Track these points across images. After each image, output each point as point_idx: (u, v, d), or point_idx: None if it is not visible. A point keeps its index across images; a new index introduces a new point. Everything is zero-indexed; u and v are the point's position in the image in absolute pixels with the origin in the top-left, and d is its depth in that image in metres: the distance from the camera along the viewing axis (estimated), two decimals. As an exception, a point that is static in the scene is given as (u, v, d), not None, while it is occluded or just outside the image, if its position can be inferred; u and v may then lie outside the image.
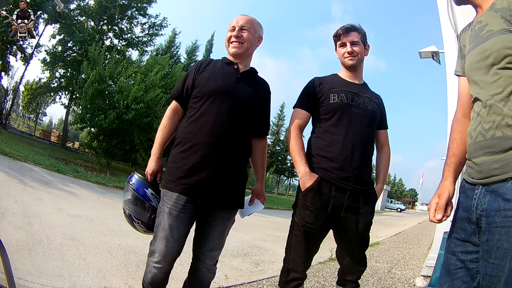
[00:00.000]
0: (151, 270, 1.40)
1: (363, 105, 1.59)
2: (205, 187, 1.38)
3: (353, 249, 1.57)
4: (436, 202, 1.06)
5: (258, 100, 1.54)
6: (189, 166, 1.38)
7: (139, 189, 1.50)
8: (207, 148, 1.38)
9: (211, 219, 1.46)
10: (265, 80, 1.64)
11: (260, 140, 1.63)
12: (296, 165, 1.56)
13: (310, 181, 1.49)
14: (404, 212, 37.79)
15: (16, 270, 2.04)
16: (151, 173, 1.53)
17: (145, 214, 1.49)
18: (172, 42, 22.78)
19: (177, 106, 1.56)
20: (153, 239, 1.42)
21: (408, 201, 60.33)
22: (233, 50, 1.52)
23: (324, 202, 1.48)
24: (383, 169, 1.71)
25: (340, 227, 1.54)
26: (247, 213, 1.64)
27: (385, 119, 1.73)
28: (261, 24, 1.61)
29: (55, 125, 35.81)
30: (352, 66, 1.65)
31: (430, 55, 4.54)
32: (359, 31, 1.65)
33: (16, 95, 22.33)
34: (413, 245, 7.27)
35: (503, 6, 0.90)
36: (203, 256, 1.47)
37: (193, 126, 1.42)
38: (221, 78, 1.48)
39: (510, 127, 0.83)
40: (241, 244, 4.54)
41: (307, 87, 1.68)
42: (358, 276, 1.59)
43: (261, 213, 10.20)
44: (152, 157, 1.55)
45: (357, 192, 1.51)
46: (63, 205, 4.67)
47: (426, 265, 3.87)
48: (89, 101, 12.26)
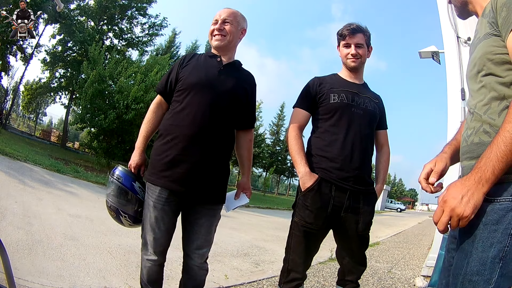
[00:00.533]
0: (146, 264, 1.44)
1: (363, 105, 1.59)
2: (185, 180, 1.38)
3: (353, 249, 1.56)
4: (432, 167, 1.02)
5: (242, 92, 1.54)
6: (170, 158, 1.39)
7: (126, 182, 1.49)
8: (188, 140, 1.39)
9: (196, 216, 1.47)
10: (249, 72, 1.64)
11: (245, 132, 1.63)
12: (296, 165, 1.56)
13: (310, 181, 1.49)
14: (404, 212, 37.77)
15: (16, 270, 2.04)
16: (134, 166, 1.54)
17: (131, 207, 1.49)
18: (172, 42, 22.81)
19: (161, 100, 1.58)
20: (142, 231, 1.46)
21: (408, 201, 60.34)
22: (215, 43, 1.53)
23: (324, 202, 1.48)
24: (382, 169, 1.71)
25: (340, 227, 1.54)
26: (232, 207, 1.64)
27: (384, 119, 1.73)
28: (244, 17, 1.61)
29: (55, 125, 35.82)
30: (354, 68, 1.65)
31: (430, 55, 4.54)
32: (365, 33, 1.64)
33: (16, 95, 22.35)
34: (413, 245, 7.26)
35: (488, 9, 0.90)
36: (192, 254, 1.48)
37: (175, 118, 1.44)
38: (203, 71, 1.49)
39: (487, 133, 0.85)
40: (241, 244, 4.54)
41: (307, 87, 1.68)
42: (358, 276, 1.59)
43: (261, 213, 10.21)
44: (136, 150, 1.56)
45: (357, 192, 1.51)
46: (63, 205, 4.67)
47: (426, 265, 3.86)
48: (89, 101, 12.26)
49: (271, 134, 34.17)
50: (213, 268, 3.03)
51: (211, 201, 1.47)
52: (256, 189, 31.72)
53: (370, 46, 1.68)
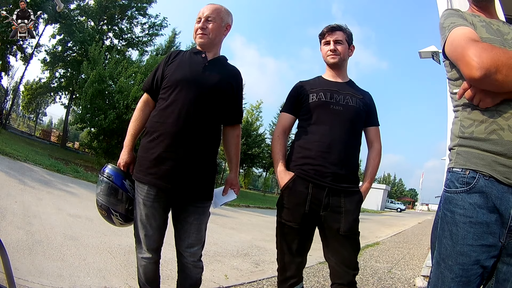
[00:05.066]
0: (141, 263, 1.46)
1: (343, 102, 1.58)
2: (171, 177, 1.39)
3: (338, 250, 1.50)
4: None
5: (227, 87, 1.54)
6: (156, 155, 1.40)
7: (116, 181, 1.49)
8: (172, 137, 1.40)
9: (185, 214, 1.47)
10: (235, 67, 1.64)
11: (232, 128, 1.64)
12: (274, 164, 1.59)
13: (285, 179, 1.51)
14: (404, 212, 37.75)
15: (16, 270, 2.04)
16: (124, 165, 1.54)
17: (122, 205, 1.49)
18: (172, 42, 22.74)
19: (148, 98, 1.59)
20: (134, 229, 1.47)
21: (408, 201, 60.27)
22: (199, 41, 1.54)
23: (300, 200, 1.48)
24: (371, 166, 1.66)
25: (321, 226, 1.52)
26: (220, 203, 1.64)
27: (374, 115, 1.70)
28: (229, 12, 1.61)
29: (55, 125, 35.83)
30: (334, 64, 1.65)
31: (430, 55, 4.53)
32: (345, 30, 1.65)
33: (16, 95, 22.35)
34: (413, 245, 7.26)
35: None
36: (185, 252, 1.48)
37: (161, 116, 1.45)
38: (188, 68, 1.49)
39: None
40: (241, 244, 4.54)
41: (291, 92, 1.71)
42: (348, 280, 1.49)
43: (261, 213, 10.21)
44: (124, 149, 1.57)
45: (337, 190, 1.48)
46: (63, 205, 4.67)
47: (426, 265, 3.86)
48: (89, 101, 12.24)
49: (271, 134, 34.10)
50: (213, 268, 3.03)
51: (198, 198, 1.47)
52: (256, 189, 31.69)
53: (352, 45, 1.68)
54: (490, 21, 1.03)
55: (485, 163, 0.88)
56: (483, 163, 0.89)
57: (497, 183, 0.87)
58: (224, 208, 8.23)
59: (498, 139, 0.86)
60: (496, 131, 0.87)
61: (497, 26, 1.01)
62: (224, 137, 1.63)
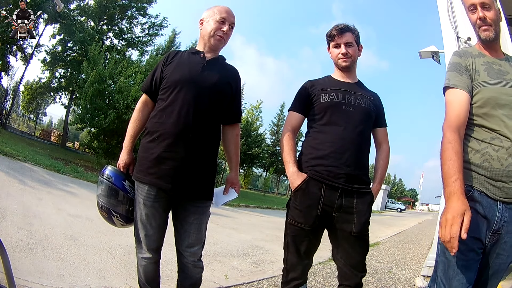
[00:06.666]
0: (141, 263, 1.47)
1: (355, 103, 1.57)
2: (171, 176, 1.39)
3: (348, 251, 1.50)
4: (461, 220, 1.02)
5: (226, 87, 1.55)
6: (156, 155, 1.40)
7: (116, 182, 1.50)
8: (172, 137, 1.40)
9: (185, 214, 1.47)
10: (233, 67, 1.65)
11: (232, 127, 1.64)
12: (285, 165, 1.55)
13: (298, 181, 1.49)
14: (404, 212, 37.76)
15: (16, 270, 2.04)
16: (123, 166, 1.55)
17: (123, 207, 1.50)
18: (172, 42, 22.75)
19: (147, 99, 1.60)
20: (134, 229, 1.47)
21: (408, 201, 60.26)
22: (216, 43, 1.54)
23: (313, 201, 1.46)
24: (380, 168, 1.65)
25: (333, 227, 1.51)
26: (221, 202, 1.64)
27: (382, 117, 1.70)
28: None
29: (55, 125, 35.85)
30: (346, 68, 1.64)
31: (430, 55, 4.53)
32: (353, 31, 1.64)
33: (16, 95, 22.36)
34: (413, 245, 7.26)
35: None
36: (185, 252, 1.48)
37: (160, 116, 1.45)
38: (187, 68, 1.50)
39: None
40: (241, 244, 4.54)
41: (300, 90, 1.69)
42: (355, 283, 1.47)
43: (261, 213, 10.21)
44: (124, 150, 1.57)
45: (350, 191, 1.47)
46: (63, 205, 4.67)
47: (426, 265, 3.86)
48: (89, 101, 12.24)
49: (271, 134, 34.14)
50: (213, 268, 3.03)
51: (198, 198, 1.47)
52: (256, 189, 31.71)
53: (360, 44, 1.67)
54: (494, 61, 1.22)
55: (479, 181, 1.15)
56: (477, 181, 1.16)
57: (486, 197, 1.14)
58: (224, 208, 8.24)
59: (489, 166, 1.14)
60: (488, 160, 1.14)
61: (498, 66, 1.20)
62: (223, 136, 1.63)
